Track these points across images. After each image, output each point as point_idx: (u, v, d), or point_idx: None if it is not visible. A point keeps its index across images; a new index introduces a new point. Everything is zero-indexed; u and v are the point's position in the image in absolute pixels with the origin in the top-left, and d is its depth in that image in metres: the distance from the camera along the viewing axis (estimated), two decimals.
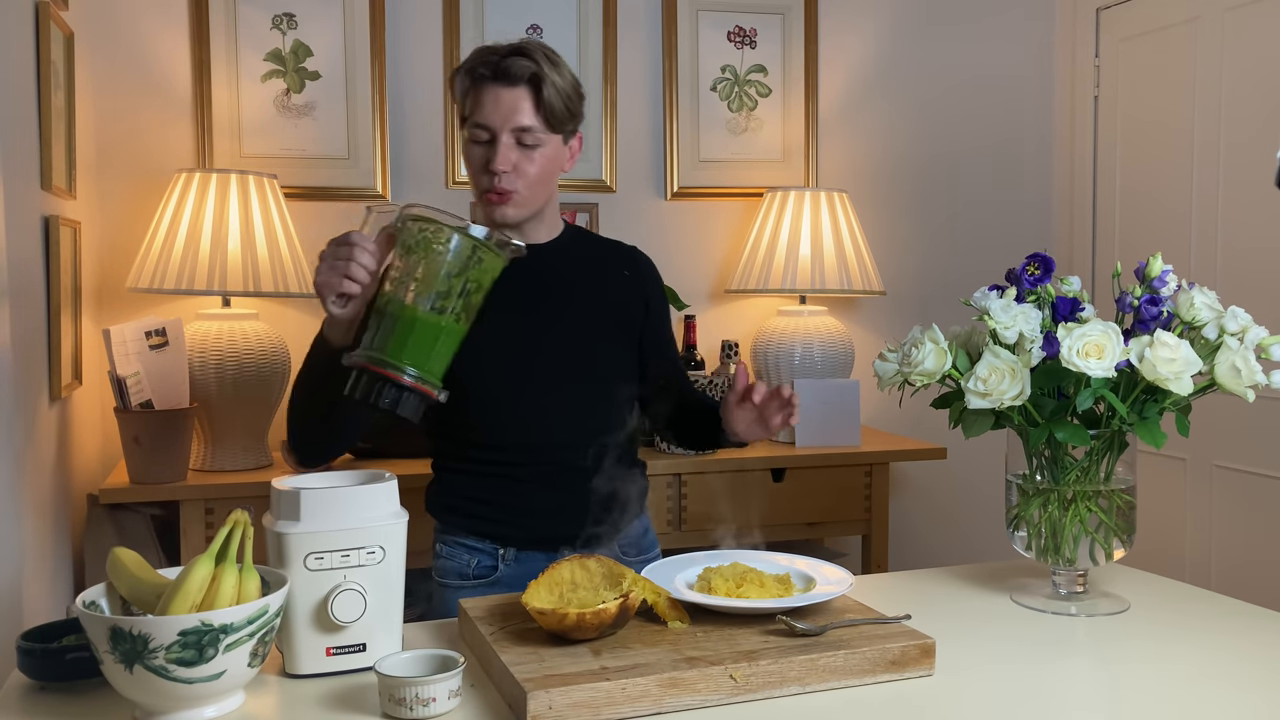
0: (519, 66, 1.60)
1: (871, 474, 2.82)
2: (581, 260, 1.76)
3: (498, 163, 1.60)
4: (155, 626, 1.06)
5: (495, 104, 1.60)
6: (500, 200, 1.63)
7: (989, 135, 3.40)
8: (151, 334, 2.35)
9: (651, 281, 1.85)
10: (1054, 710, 1.19)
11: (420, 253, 1.32)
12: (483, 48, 1.65)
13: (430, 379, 1.34)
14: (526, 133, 1.61)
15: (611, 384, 1.72)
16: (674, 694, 1.15)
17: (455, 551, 1.73)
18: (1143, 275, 1.50)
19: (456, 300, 1.33)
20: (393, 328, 1.32)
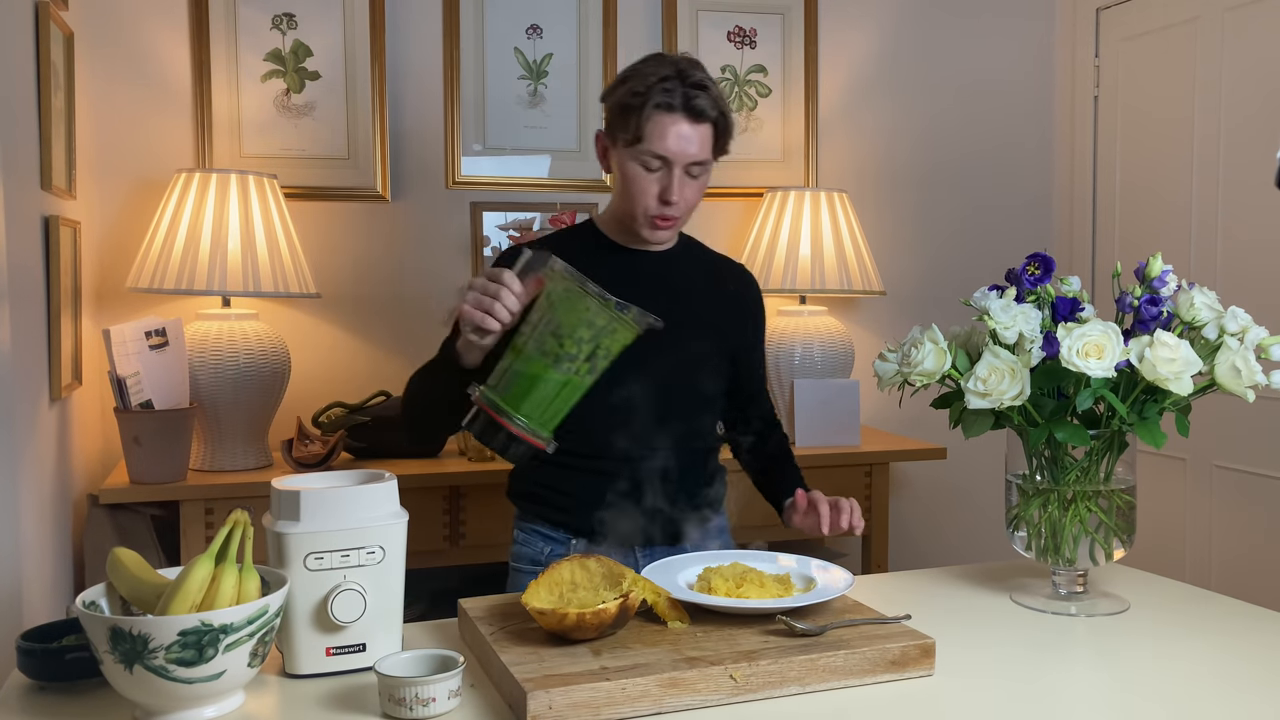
0: (706, 103, 1.62)
1: (871, 474, 2.82)
2: (691, 270, 1.80)
3: (674, 194, 1.64)
4: (155, 626, 1.06)
5: (679, 140, 1.63)
6: (667, 225, 1.69)
7: (989, 135, 3.40)
8: (151, 334, 2.35)
9: (753, 301, 1.88)
10: (1054, 710, 1.19)
11: (560, 310, 1.35)
12: (648, 70, 1.64)
13: (542, 432, 1.37)
14: (698, 165, 1.66)
15: (701, 393, 1.77)
16: (674, 694, 1.15)
17: (530, 538, 1.79)
18: (1143, 275, 1.50)
19: (584, 363, 1.36)
20: (517, 377, 1.36)
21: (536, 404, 1.36)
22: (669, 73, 1.63)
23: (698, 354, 1.75)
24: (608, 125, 1.71)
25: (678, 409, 1.73)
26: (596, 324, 1.34)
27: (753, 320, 1.88)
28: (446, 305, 1.49)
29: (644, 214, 1.68)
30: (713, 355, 1.78)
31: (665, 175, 1.65)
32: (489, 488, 2.53)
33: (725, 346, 1.80)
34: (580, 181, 3.00)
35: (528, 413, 1.36)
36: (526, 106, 2.94)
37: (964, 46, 3.35)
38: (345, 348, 2.83)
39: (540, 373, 1.35)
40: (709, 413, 1.82)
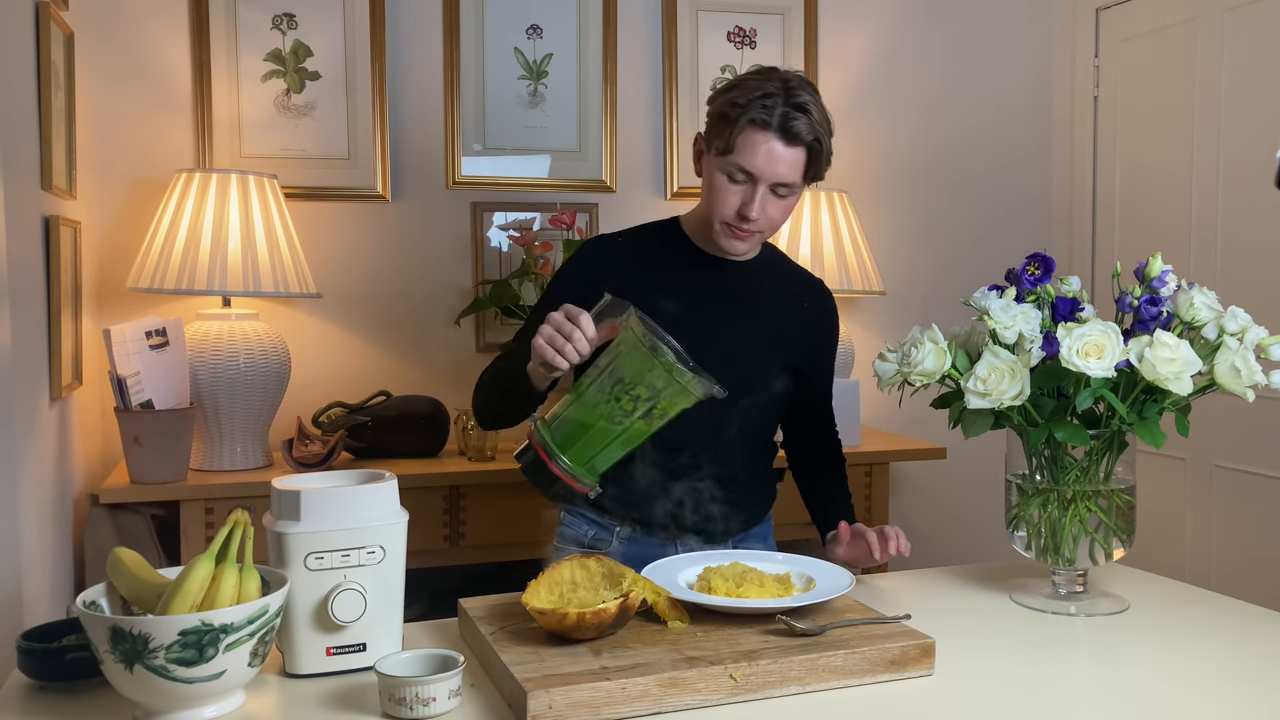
0: (804, 127, 1.59)
1: (871, 474, 2.82)
2: (767, 281, 1.80)
3: (754, 211, 1.63)
4: (155, 626, 1.06)
5: (769, 158, 1.60)
6: (743, 237, 1.68)
7: (989, 135, 3.40)
8: (151, 334, 2.35)
9: (827, 318, 1.88)
10: (1054, 710, 1.19)
11: (627, 364, 1.35)
12: (748, 85, 1.61)
13: (586, 479, 1.38)
14: (785, 186, 1.64)
15: (763, 400, 1.77)
16: (674, 694, 1.15)
17: (576, 521, 1.81)
18: (1142, 275, 1.50)
19: (639, 420, 1.36)
20: (572, 422, 1.37)
21: (586, 450, 1.37)
22: (774, 89, 1.60)
23: (762, 364, 1.76)
24: (706, 130, 1.70)
25: (737, 414, 1.73)
26: (657, 385, 1.34)
27: (822, 336, 1.87)
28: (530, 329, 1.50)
29: (721, 224, 1.68)
30: (777, 366, 1.78)
31: (749, 190, 1.63)
32: (489, 488, 2.53)
33: (791, 359, 1.80)
34: (580, 181, 3.00)
35: (575, 457, 1.37)
36: (526, 106, 2.94)
37: (964, 46, 3.35)
38: (345, 348, 2.83)
39: (595, 421, 1.36)
40: (768, 421, 1.83)
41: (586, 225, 2.99)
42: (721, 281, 1.76)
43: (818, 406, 1.90)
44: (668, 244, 1.77)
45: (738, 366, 1.73)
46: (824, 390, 1.90)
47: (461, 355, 2.91)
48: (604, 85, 2.99)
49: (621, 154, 3.04)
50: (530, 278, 2.69)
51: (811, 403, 1.88)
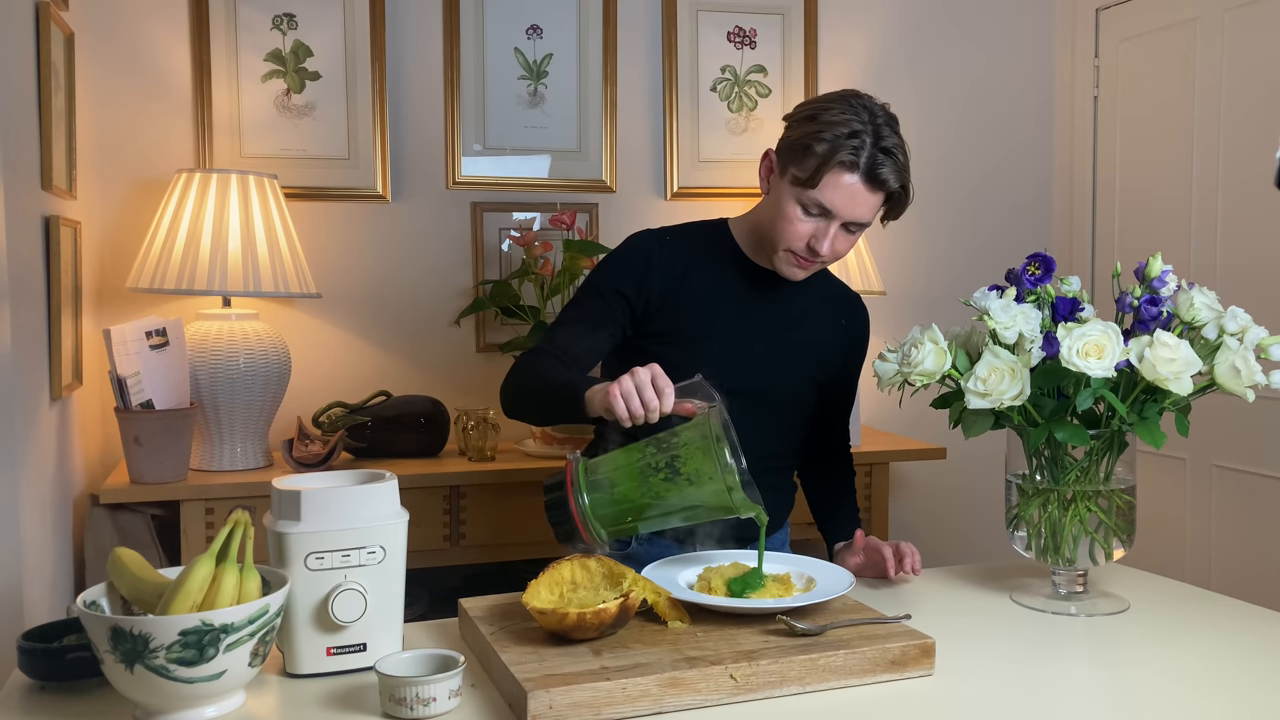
0: (890, 174, 1.57)
1: (871, 474, 2.82)
2: (808, 296, 1.79)
3: (825, 248, 1.62)
4: (156, 626, 1.06)
5: (850, 201, 1.59)
6: (805, 267, 1.67)
7: (989, 135, 3.40)
8: (151, 334, 2.35)
9: (859, 334, 1.88)
10: (1054, 710, 1.19)
11: (686, 455, 1.34)
12: (846, 118, 1.58)
13: (601, 534, 1.38)
14: (859, 226, 1.63)
15: (788, 415, 1.78)
16: (674, 694, 1.15)
17: None
18: (1142, 275, 1.50)
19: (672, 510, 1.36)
20: (609, 482, 1.37)
21: (610, 511, 1.37)
22: (861, 126, 1.57)
23: (797, 378, 1.76)
24: (781, 151, 1.66)
25: (761, 426, 1.72)
26: (705, 486, 1.33)
27: (853, 353, 1.87)
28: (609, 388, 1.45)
29: (786, 251, 1.66)
30: (810, 381, 1.79)
31: (822, 226, 1.62)
32: (489, 488, 2.53)
33: (823, 374, 1.80)
34: (580, 181, 3.00)
35: (599, 519, 1.37)
36: (526, 106, 2.94)
37: (964, 46, 3.35)
38: (345, 348, 2.83)
39: (632, 493, 1.35)
40: (792, 433, 1.83)
41: (586, 225, 2.99)
42: (769, 295, 1.75)
43: (837, 417, 1.90)
44: (719, 249, 1.76)
45: (773, 379, 1.74)
46: (846, 403, 1.91)
47: (461, 355, 2.91)
48: (604, 85, 2.99)
49: (621, 154, 3.04)
50: (530, 278, 2.69)
51: (832, 413, 1.88)
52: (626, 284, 1.69)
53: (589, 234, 2.97)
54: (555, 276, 2.67)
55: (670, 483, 1.35)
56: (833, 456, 1.92)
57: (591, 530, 1.37)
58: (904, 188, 1.61)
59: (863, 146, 1.57)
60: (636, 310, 1.71)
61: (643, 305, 1.70)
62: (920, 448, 2.86)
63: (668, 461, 1.35)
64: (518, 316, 2.72)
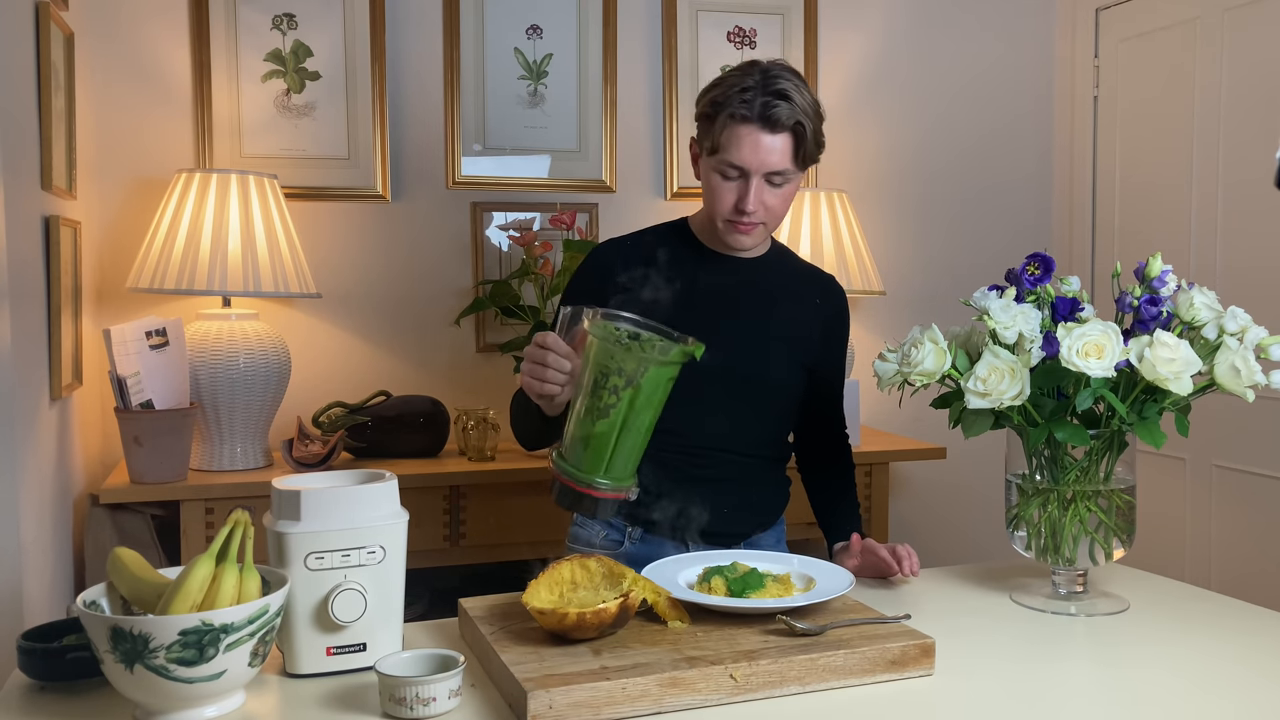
0: (784, 114, 1.59)
1: (871, 474, 2.82)
2: (777, 279, 1.80)
3: (750, 204, 1.64)
4: (156, 626, 1.06)
5: (754, 149, 1.61)
6: (745, 231, 1.68)
7: (988, 135, 3.40)
8: (151, 334, 2.35)
9: (838, 315, 1.87)
10: (1054, 710, 1.19)
11: (596, 362, 1.34)
12: (730, 81, 1.63)
13: (621, 484, 1.37)
14: (779, 175, 1.64)
15: (775, 402, 1.78)
16: (674, 694, 1.15)
17: (588, 523, 1.81)
18: (1142, 275, 1.50)
19: (627, 407, 1.34)
20: (579, 441, 1.36)
21: (604, 460, 1.36)
22: (752, 82, 1.61)
23: (776, 361, 1.76)
24: (696, 133, 1.72)
25: (749, 413, 1.73)
26: (627, 369, 1.33)
27: (833, 334, 1.86)
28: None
29: (723, 221, 1.69)
30: (791, 364, 1.78)
31: (743, 185, 1.64)
32: (489, 488, 2.53)
33: (804, 356, 1.80)
34: (580, 181, 2.99)
35: (598, 470, 1.36)
36: (526, 106, 2.94)
37: (963, 46, 3.35)
38: (345, 348, 2.83)
39: (596, 430, 1.35)
40: (779, 422, 1.82)
41: (586, 225, 2.99)
42: (732, 280, 1.76)
43: (829, 405, 1.90)
44: (677, 244, 1.78)
45: (751, 364, 1.74)
46: (835, 388, 1.90)
47: (461, 355, 2.91)
48: (604, 85, 2.99)
49: (621, 154, 3.04)
50: (530, 278, 2.69)
51: (823, 401, 1.88)
52: (594, 291, 1.70)
53: (589, 234, 2.97)
54: (555, 276, 2.67)
55: (605, 389, 1.33)
56: (831, 451, 1.91)
57: (606, 488, 1.36)
58: (803, 124, 1.61)
59: (754, 96, 1.60)
60: None
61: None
62: (920, 448, 2.85)
63: (592, 381, 1.34)
64: (518, 316, 2.72)
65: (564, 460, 1.38)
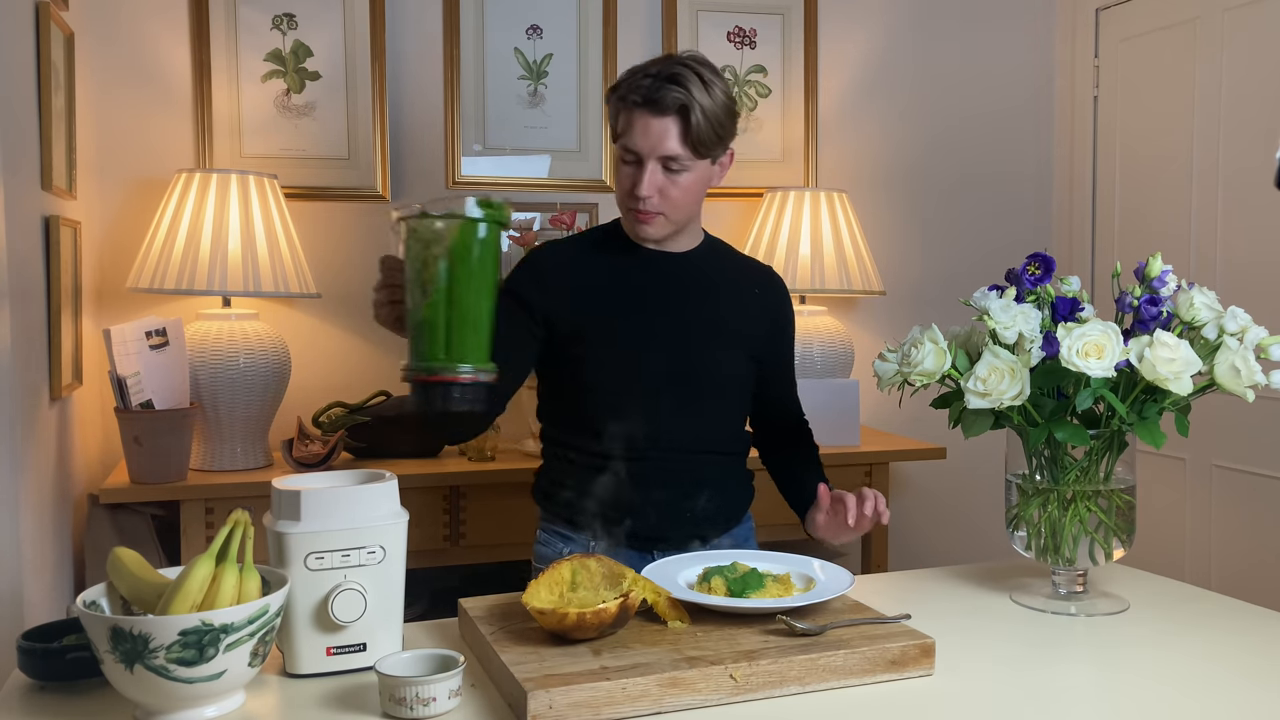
0: (669, 97, 1.60)
1: (871, 474, 2.82)
2: (714, 272, 1.79)
3: (643, 189, 1.63)
4: (156, 626, 1.06)
5: (644, 132, 1.62)
6: (644, 220, 1.67)
7: (988, 135, 3.39)
8: (151, 334, 2.35)
9: (780, 304, 1.86)
10: (1054, 710, 1.19)
11: (408, 255, 1.32)
12: (635, 69, 1.65)
13: (458, 365, 1.31)
14: (673, 160, 1.63)
15: (726, 396, 1.76)
16: (674, 694, 1.15)
17: (551, 539, 1.79)
18: (1142, 275, 1.50)
19: (462, 282, 1.30)
20: (414, 336, 1.33)
21: (440, 341, 1.30)
22: (653, 70, 1.62)
23: (720, 354, 1.75)
24: None
25: (700, 412, 1.72)
26: (432, 246, 1.29)
27: (777, 323, 1.86)
28: None
29: (623, 208, 1.69)
30: (736, 356, 1.77)
31: (637, 170, 1.64)
32: (489, 488, 2.53)
33: (749, 348, 1.79)
34: (580, 181, 2.99)
35: (437, 354, 1.30)
36: (526, 106, 2.94)
37: (964, 47, 3.35)
38: (345, 348, 2.83)
39: (425, 316, 1.30)
40: (733, 416, 1.81)
41: (586, 225, 2.99)
42: (667, 275, 1.74)
43: (782, 394, 1.88)
44: (611, 244, 1.76)
45: (696, 361, 1.72)
46: (786, 377, 1.89)
47: None
48: (604, 85, 2.99)
49: None
50: None
51: (775, 391, 1.86)
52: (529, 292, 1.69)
53: None
54: None
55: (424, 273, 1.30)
56: (791, 437, 1.89)
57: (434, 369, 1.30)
58: (688, 108, 1.60)
59: (646, 82, 1.61)
60: (538, 319, 1.69)
61: (544, 316, 1.69)
62: (920, 448, 2.85)
63: (412, 277, 1.31)
64: None
65: (408, 365, 1.33)
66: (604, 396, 1.69)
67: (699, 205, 1.73)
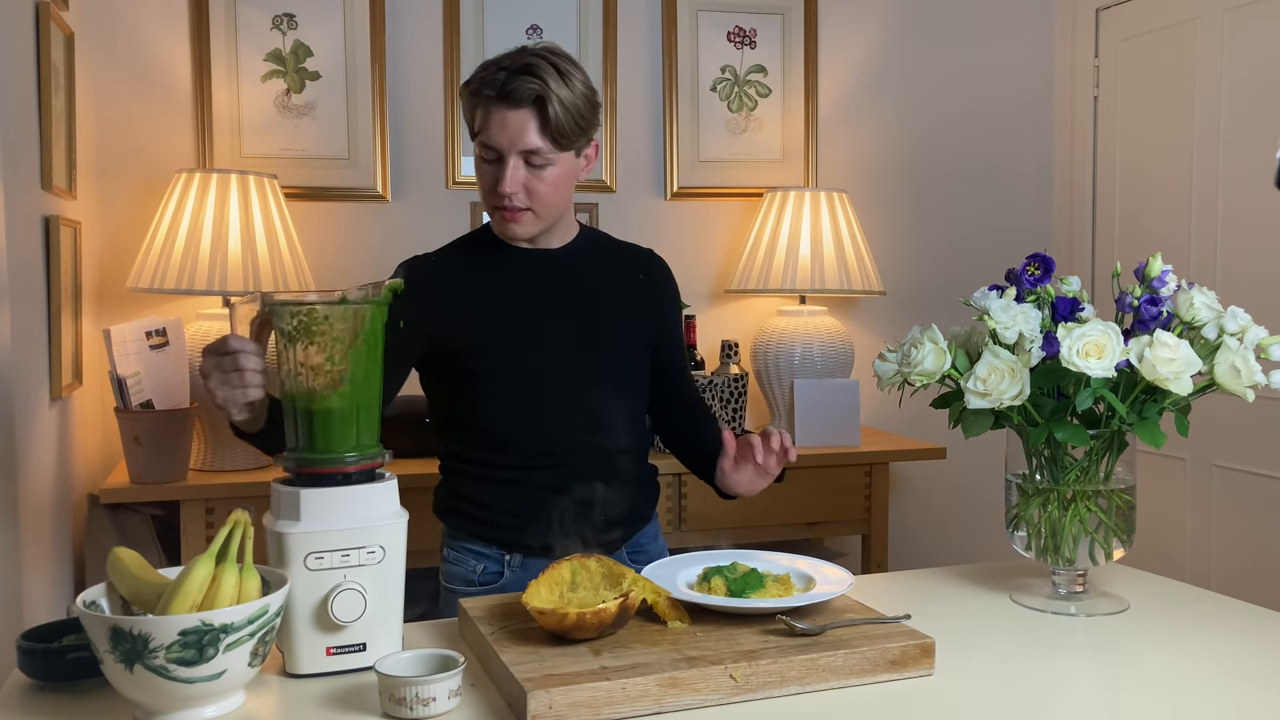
0: (524, 89, 1.54)
1: (871, 474, 2.82)
2: (595, 264, 1.74)
3: (505, 185, 1.58)
4: (155, 626, 1.06)
5: (501, 127, 1.57)
6: (511, 219, 1.62)
7: (989, 135, 3.40)
8: (151, 334, 2.35)
9: (665, 286, 1.82)
10: (1054, 710, 1.19)
11: (304, 338, 1.27)
12: (488, 62, 1.59)
13: (370, 453, 1.29)
14: (535, 154, 1.58)
15: (621, 390, 1.71)
16: (674, 694, 1.15)
17: (462, 556, 1.72)
18: (1142, 275, 1.50)
19: (361, 366, 1.28)
20: (311, 422, 1.27)
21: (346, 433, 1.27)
22: (507, 63, 1.56)
23: (610, 349, 1.70)
24: None
25: (597, 410, 1.66)
26: (335, 328, 1.26)
27: (664, 307, 1.79)
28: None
29: (490, 209, 1.63)
30: (627, 348, 1.72)
31: (499, 166, 1.58)
32: None
33: (639, 339, 1.74)
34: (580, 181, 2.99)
35: (345, 445, 1.27)
36: None
37: (964, 46, 3.35)
38: None
39: (335, 405, 1.27)
40: (630, 410, 1.73)
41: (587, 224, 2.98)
42: (546, 275, 1.68)
43: (676, 377, 1.83)
44: (481, 251, 1.71)
45: (592, 353, 1.67)
46: (678, 360, 1.83)
47: None
48: (604, 85, 2.99)
49: (621, 154, 3.04)
50: None
51: (670, 375, 1.81)
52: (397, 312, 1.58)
53: None
54: None
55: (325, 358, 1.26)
56: (690, 418, 1.83)
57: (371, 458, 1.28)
58: (544, 99, 1.54)
59: (494, 76, 1.56)
60: (416, 337, 1.60)
61: (423, 333, 1.62)
62: (920, 448, 2.86)
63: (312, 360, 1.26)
64: None
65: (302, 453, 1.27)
66: (496, 406, 1.65)
67: (568, 200, 1.67)
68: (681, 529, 2.67)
